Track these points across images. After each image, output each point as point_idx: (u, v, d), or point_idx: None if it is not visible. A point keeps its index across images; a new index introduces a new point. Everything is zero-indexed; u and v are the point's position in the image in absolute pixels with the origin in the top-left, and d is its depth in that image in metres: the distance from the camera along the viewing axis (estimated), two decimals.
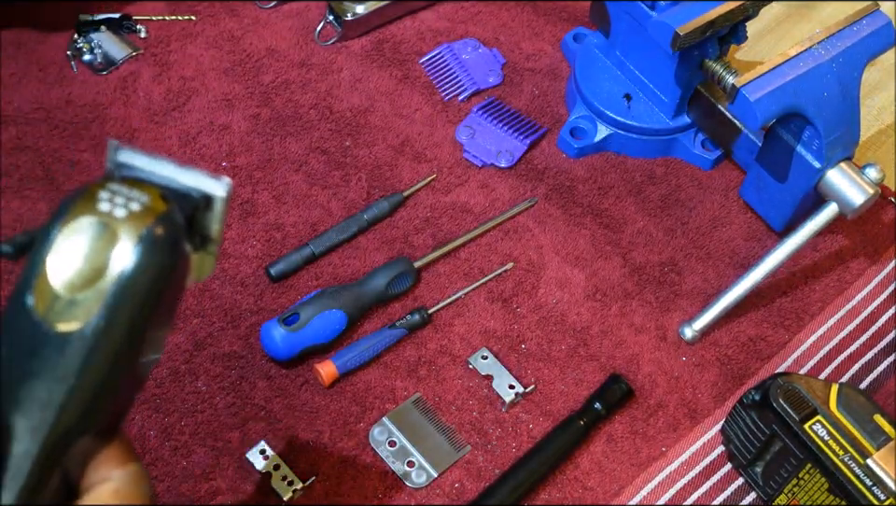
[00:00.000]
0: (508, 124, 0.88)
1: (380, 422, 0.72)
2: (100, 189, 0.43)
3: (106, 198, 0.43)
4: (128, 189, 0.43)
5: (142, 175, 0.45)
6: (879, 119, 0.93)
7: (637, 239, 0.83)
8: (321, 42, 0.93)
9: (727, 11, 0.77)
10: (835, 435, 0.64)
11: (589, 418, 0.72)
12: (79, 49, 0.90)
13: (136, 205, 0.42)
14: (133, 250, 0.42)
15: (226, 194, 0.45)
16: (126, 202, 0.43)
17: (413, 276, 0.78)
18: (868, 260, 0.84)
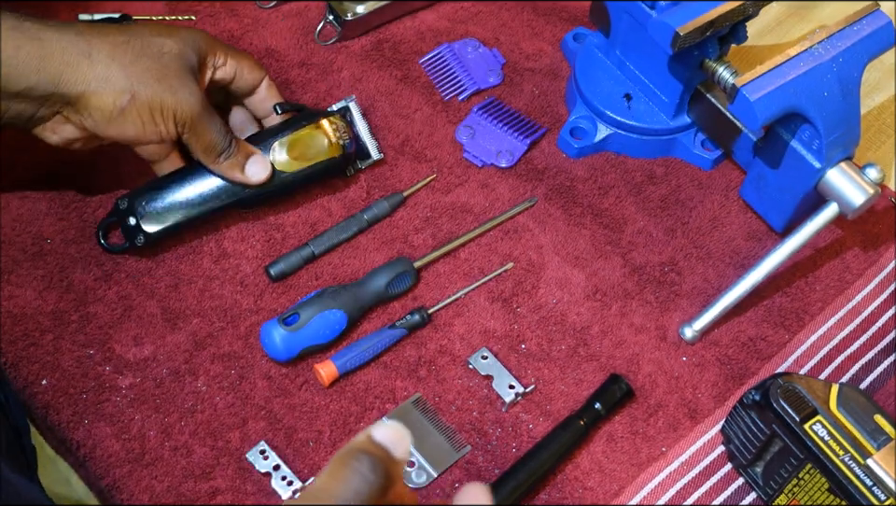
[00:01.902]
0: (508, 124, 0.88)
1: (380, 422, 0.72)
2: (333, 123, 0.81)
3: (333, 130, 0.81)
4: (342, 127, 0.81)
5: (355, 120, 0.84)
6: (879, 119, 0.93)
7: (636, 239, 0.83)
8: (321, 42, 0.93)
9: (727, 11, 0.77)
10: (835, 435, 0.64)
11: (589, 418, 0.72)
12: None
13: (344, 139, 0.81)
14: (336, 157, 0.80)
15: (378, 158, 0.84)
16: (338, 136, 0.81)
17: (412, 276, 0.78)
18: (868, 260, 0.84)
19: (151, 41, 0.73)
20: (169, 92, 0.73)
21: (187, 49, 0.74)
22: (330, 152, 0.80)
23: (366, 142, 0.84)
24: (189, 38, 0.75)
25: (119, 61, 0.72)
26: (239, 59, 0.79)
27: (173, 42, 0.74)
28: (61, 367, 0.73)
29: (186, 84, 0.73)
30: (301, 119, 0.80)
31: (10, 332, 0.74)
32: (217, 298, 0.77)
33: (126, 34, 0.73)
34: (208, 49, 0.77)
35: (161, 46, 0.73)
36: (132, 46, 0.73)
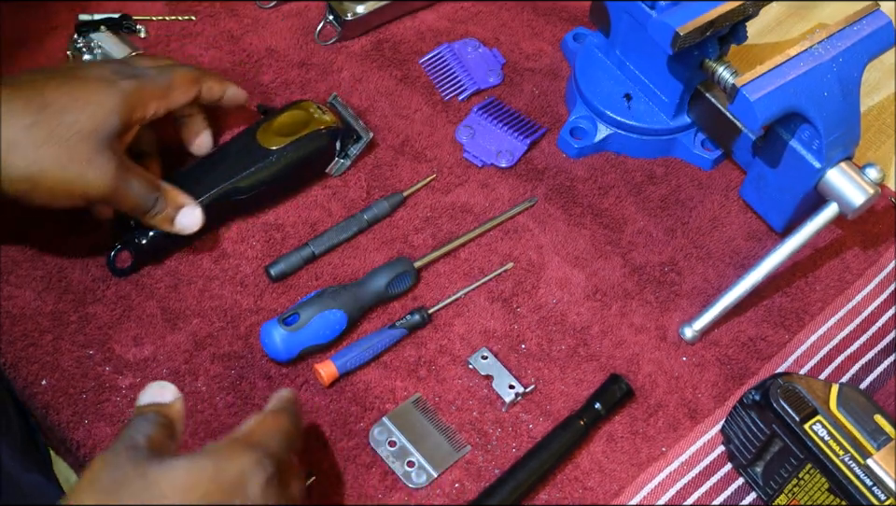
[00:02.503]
0: (508, 124, 0.88)
1: (380, 422, 0.72)
2: (312, 105, 0.83)
3: (315, 108, 0.83)
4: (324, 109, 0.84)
5: (338, 107, 0.85)
6: (879, 119, 0.93)
7: (636, 239, 0.83)
8: (321, 42, 0.93)
9: (727, 11, 0.77)
10: (835, 435, 0.64)
11: (589, 418, 0.72)
12: (79, 49, 0.90)
13: (327, 117, 0.82)
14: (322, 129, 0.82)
15: (368, 138, 0.84)
16: (321, 113, 0.83)
17: (412, 276, 0.78)
18: (868, 260, 0.84)
19: (62, 119, 0.68)
20: (76, 175, 0.69)
21: (105, 119, 0.70)
22: (315, 125, 0.81)
23: (352, 123, 0.84)
24: (110, 103, 0.71)
25: (23, 147, 0.67)
26: (172, 95, 0.76)
27: (87, 117, 0.69)
28: (60, 367, 0.73)
29: (96, 163, 0.69)
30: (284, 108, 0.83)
31: (10, 332, 0.74)
32: (217, 298, 0.77)
33: (34, 112, 0.68)
34: (137, 103, 0.73)
35: (72, 124, 0.69)
36: (39, 128, 0.68)
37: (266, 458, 0.57)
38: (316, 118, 0.82)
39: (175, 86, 0.76)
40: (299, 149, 0.80)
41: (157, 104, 0.74)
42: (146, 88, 0.74)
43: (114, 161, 0.71)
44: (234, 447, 0.57)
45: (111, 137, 0.71)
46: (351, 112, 0.85)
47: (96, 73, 0.73)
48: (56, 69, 0.74)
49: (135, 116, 0.73)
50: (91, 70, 0.73)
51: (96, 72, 0.73)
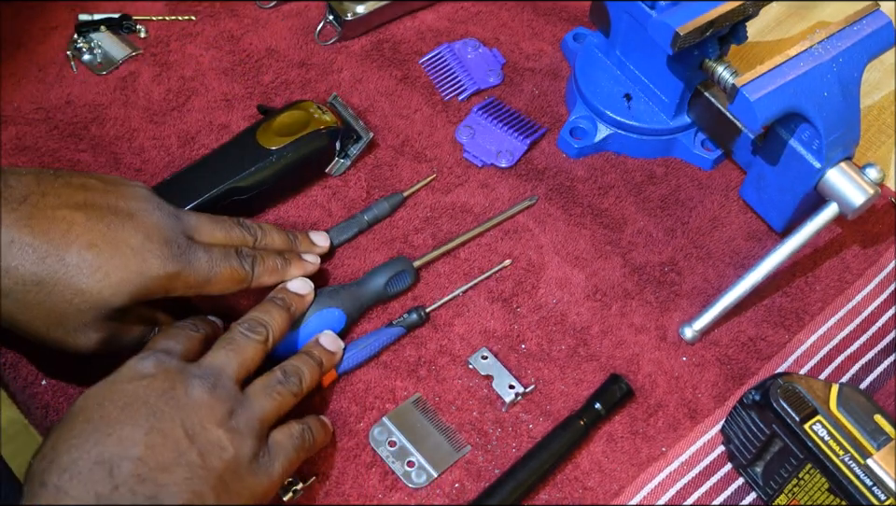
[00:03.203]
0: (508, 124, 0.88)
1: (380, 422, 0.72)
2: (312, 105, 0.83)
3: (315, 108, 0.83)
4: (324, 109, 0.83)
5: (338, 107, 0.85)
6: (879, 119, 0.93)
7: (636, 239, 0.83)
8: (321, 42, 0.93)
9: (727, 11, 0.77)
10: (835, 435, 0.64)
11: (589, 418, 0.72)
12: (79, 49, 0.90)
13: (327, 117, 0.82)
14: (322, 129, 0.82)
15: (368, 138, 0.84)
16: (321, 113, 0.82)
17: (411, 275, 0.78)
18: (868, 260, 0.84)
19: (67, 286, 0.62)
20: (59, 338, 0.64)
21: (114, 297, 0.63)
22: (315, 125, 0.81)
23: (352, 123, 0.84)
24: (130, 283, 0.63)
25: (14, 299, 0.62)
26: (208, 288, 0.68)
27: (96, 290, 0.62)
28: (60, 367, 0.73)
29: (83, 333, 0.64)
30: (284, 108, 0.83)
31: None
32: (217, 298, 0.77)
33: (43, 271, 0.61)
34: (163, 288, 0.65)
35: (74, 295, 0.62)
36: (40, 288, 0.62)
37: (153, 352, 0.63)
38: (316, 118, 0.82)
39: (216, 281, 0.68)
40: (299, 149, 0.80)
41: (186, 291, 0.67)
42: (181, 276, 0.66)
43: (104, 330, 0.65)
44: None
45: (112, 312, 0.64)
46: (351, 112, 0.85)
47: (139, 236, 0.64)
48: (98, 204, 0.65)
49: (154, 295, 0.66)
50: (136, 226, 0.64)
51: (140, 234, 0.64)
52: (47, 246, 0.62)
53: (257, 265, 0.70)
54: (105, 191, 0.66)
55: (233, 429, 0.60)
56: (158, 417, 0.58)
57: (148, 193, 0.69)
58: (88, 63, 0.90)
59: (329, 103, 0.86)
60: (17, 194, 0.63)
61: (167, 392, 0.59)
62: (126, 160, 0.84)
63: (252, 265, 0.70)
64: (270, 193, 0.81)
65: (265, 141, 0.80)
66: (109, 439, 0.56)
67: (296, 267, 0.73)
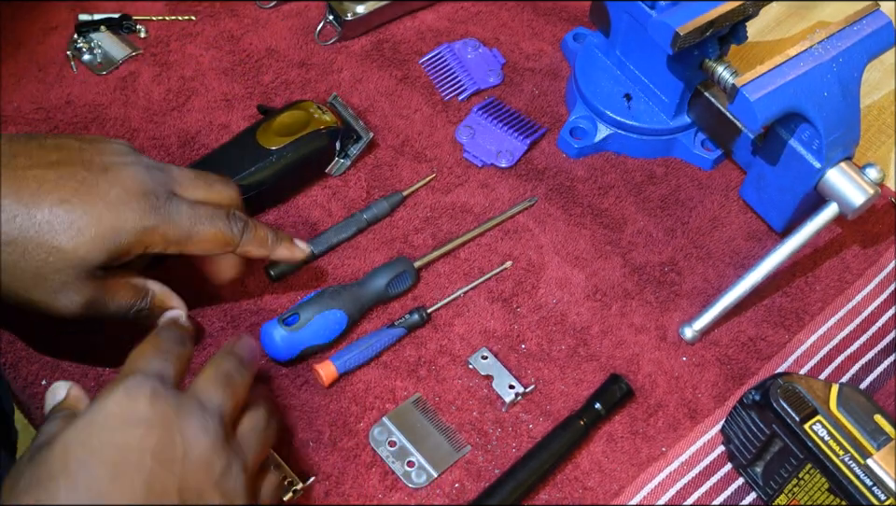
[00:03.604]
0: (508, 124, 0.88)
1: (380, 422, 0.72)
2: (312, 105, 0.83)
3: (315, 108, 0.83)
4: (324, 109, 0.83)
5: (338, 107, 0.85)
6: (879, 119, 0.93)
7: (636, 239, 0.83)
8: (321, 42, 0.93)
9: (727, 11, 0.77)
10: (835, 435, 0.64)
11: (589, 418, 0.72)
12: (79, 49, 0.90)
13: (327, 117, 0.82)
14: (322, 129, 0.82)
15: (368, 138, 0.84)
16: (321, 113, 0.83)
17: (412, 276, 0.78)
18: (868, 260, 0.84)
19: (40, 244, 0.60)
20: (40, 299, 0.62)
21: (92, 252, 0.61)
22: (315, 125, 0.81)
23: (352, 123, 0.84)
24: (108, 237, 0.62)
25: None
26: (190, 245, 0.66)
27: (73, 246, 0.61)
28: (60, 367, 0.73)
29: (64, 294, 0.62)
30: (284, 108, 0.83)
31: (10, 333, 0.74)
32: (217, 298, 0.77)
33: (15, 229, 0.60)
34: (142, 242, 0.63)
35: (48, 254, 0.60)
36: (14, 247, 0.60)
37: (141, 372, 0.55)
38: (316, 118, 0.82)
39: (199, 240, 0.66)
40: (299, 149, 0.80)
41: (165, 246, 0.65)
42: (161, 229, 0.63)
43: (86, 290, 0.63)
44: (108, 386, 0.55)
45: (92, 269, 0.62)
46: (351, 112, 0.85)
47: (115, 190, 0.62)
48: (71, 160, 0.63)
49: (133, 251, 0.64)
50: (111, 180, 0.63)
51: (116, 188, 0.63)
52: (16, 206, 0.60)
53: (247, 231, 0.68)
54: (80, 149, 0.64)
55: (228, 493, 0.55)
56: (152, 486, 0.52)
57: (128, 148, 0.66)
58: (88, 63, 0.90)
59: (329, 103, 0.86)
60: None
61: (165, 450, 0.53)
62: None
63: (242, 230, 0.67)
64: (270, 193, 0.81)
65: (265, 141, 0.80)
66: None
67: (286, 247, 0.71)
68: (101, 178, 0.63)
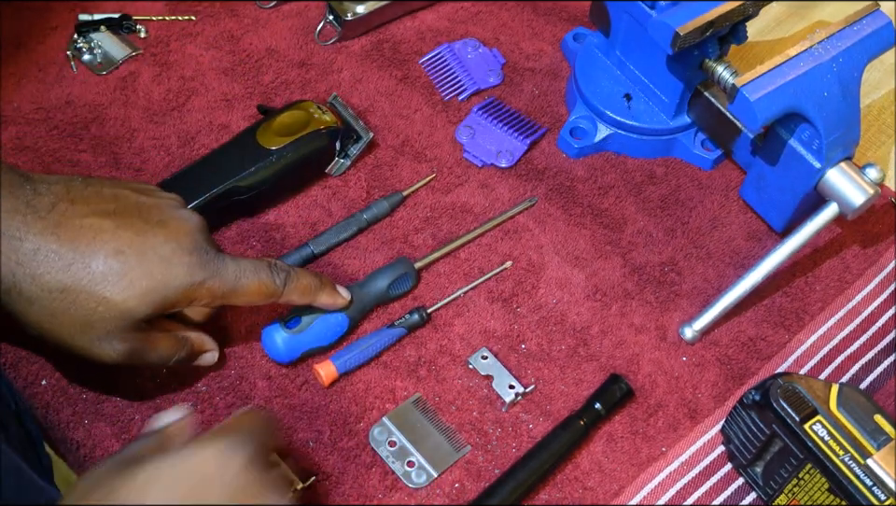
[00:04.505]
0: (508, 124, 0.88)
1: (380, 422, 0.72)
2: (312, 105, 0.83)
3: (315, 108, 0.83)
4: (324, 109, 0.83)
5: (338, 107, 0.85)
6: (879, 119, 0.93)
7: (636, 239, 0.83)
8: (321, 42, 0.93)
9: (727, 11, 0.77)
10: (835, 435, 0.64)
11: (589, 418, 0.72)
12: (79, 49, 0.90)
13: (327, 117, 0.83)
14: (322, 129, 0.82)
15: (368, 138, 0.84)
16: (321, 113, 0.83)
17: (414, 277, 0.78)
18: (868, 260, 0.84)
19: (92, 294, 0.61)
20: (85, 346, 0.63)
21: (140, 306, 0.63)
22: (315, 125, 0.81)
23: (352, 123, 0.84)
24: (157, 292, 0.63)
25: (40, 306, 0.61)
26: (234, 298, 0.67)
27: (121, 299, 0.62)
28: (61, 367, 0.73)
29: (108, 342, 0.63)
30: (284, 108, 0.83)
31: None
32: None
33: (68, 278, 0.61)
34: (189, 297, 0.64)
35: (98, 304, 0.61)
36: (66, 295, 0.61)
37: (246, 438, 0.56)
38: (316, 118, 0.82)
39: (244, 293, 0.67)
40: (299, 149, 0.80)
41: (212, 300, 0.66)
42: (207, 284, 0.65)
43: (129, 340, 0.64)
44: (212, 434, 0.56)
45: (138, 322, 0.64)
46: (351, 112, 0.85)
47: (169, 245, 0.64)
48: (128, 210, 0.64)
49: (179, 305, 0.65)
50: (165, 235, 0.64)
51: (170, 243, 0.64)
52: (73, 254, 0.61)
53: (289, 281, 0.69)
54: (137, 201, 0.66)
55: None
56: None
57: (181, 202, 0.69)
58: (88, 63, 0.90)
59: (329, 103, 0.86)
60: (45, 202, 0.62)
61: None
62: (126, 160, 0.84)
63: (284, 281, 0.68)
64: (270, 193, 0.81)
65: (265, 141, 0.80)
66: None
67: (328, 294, 0.72)
68: (157, 232, 0.64)
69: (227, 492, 0.54)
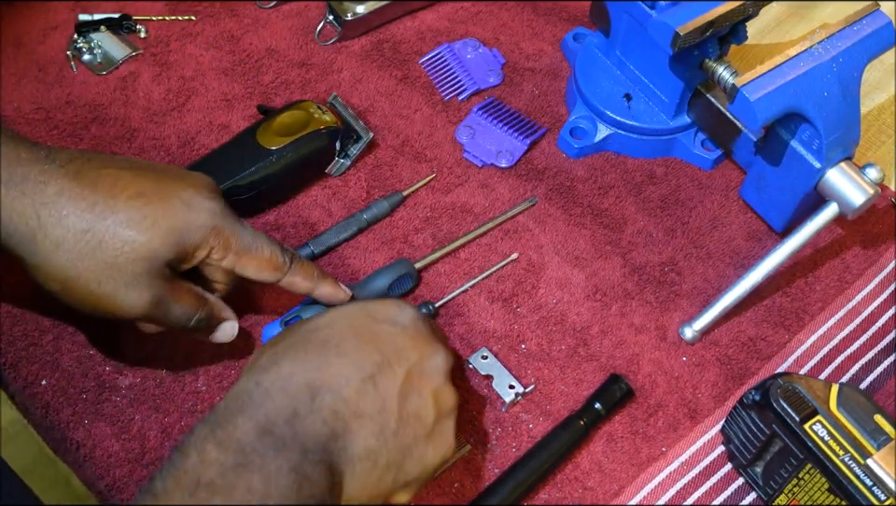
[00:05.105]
0: (508, 124, 0.88)
1: None
2: (312, 105, 0.83)
3: (315, 108, 0.83)
4: (324, 109, 0.84)
5: (338, 107, 0.85)
6: (879, 119, 0.93)
7: (636, 239, 0.83)
8: (321, 42, 0.93)
9: (727, 11, 0.77)
10: (835, 435, 0.64)
11: (589, 418, 0.72)
12: (79, 49, 0.90)
13: (327, 117, 0.83)
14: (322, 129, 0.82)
15: (368, 138, 0.84)
16: (321, 113, 0.83)
17: (414, 278, 0.78)
18: (868, 260, 0.84)
19: (117, 234, 0.62)
20: (109, 293, 0.63)
21: (163, 247, 0.64)
22: (315, 125, 0.81)
23: (352, 123, 0.84)
24: (178, 232, 0.64)
25: (66, 250, 0.62)
26: (247, 259, 0.68)
27: (145, 239, 0.63)
28: (61, 367, 0.73)
29: (133, 287, 0.63)
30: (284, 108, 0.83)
31: (10, 332, 0.74)
32: None
33: (93, 218, 0.62)
34: (208, 243, 0.66)
35: (126, 244, 0.62)
36: (91, 236, 0.62)
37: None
38: (316, 118, 0.82)
39: (255, 257, 0.68)
40: (299, 149, 0.80)
41: (224, 254, 0.67)
42: (226, 234, 0.66)
43: (155, 288, 0.64)
44: None
45: (162, 265, 0.64)
46: (351, 112, 0.85)
47: (189, 191, 0.66)
48: (144, 166, 0.67)
49: (199, 253, 0.66)
50: (185, 183, 0.66)
51: (190, 189, 0.66)
52: (95, 196, 0.63)
53: (295, 262, 0.70)
54: (151, 164, 0.68)
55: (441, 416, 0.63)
56: (384, 371, 0.60)
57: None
58: (88, 63, 0.90)
59: (329, 103, 0.86)
60: (63, 157, 0.64)
61: (406, 353, 0.62)
62: None
63: (290, 260, 0.70)
64: (270, 193, 0.81)
65: (265, 141, 0.80)
66: (329, 369, 0.59)
67: (329, 284, 0.72)
68: (177, 181, 0.66)
69: (406, 331, 0.63)
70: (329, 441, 0.57)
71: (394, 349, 0.62)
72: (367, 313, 0.64)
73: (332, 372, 0.59)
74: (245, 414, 0.57)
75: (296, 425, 0.57)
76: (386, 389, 0.60)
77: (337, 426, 0.58)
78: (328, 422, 0.58)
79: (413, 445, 0.61)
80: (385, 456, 0.59)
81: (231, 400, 0.58)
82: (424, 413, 0.61)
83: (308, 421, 0.57)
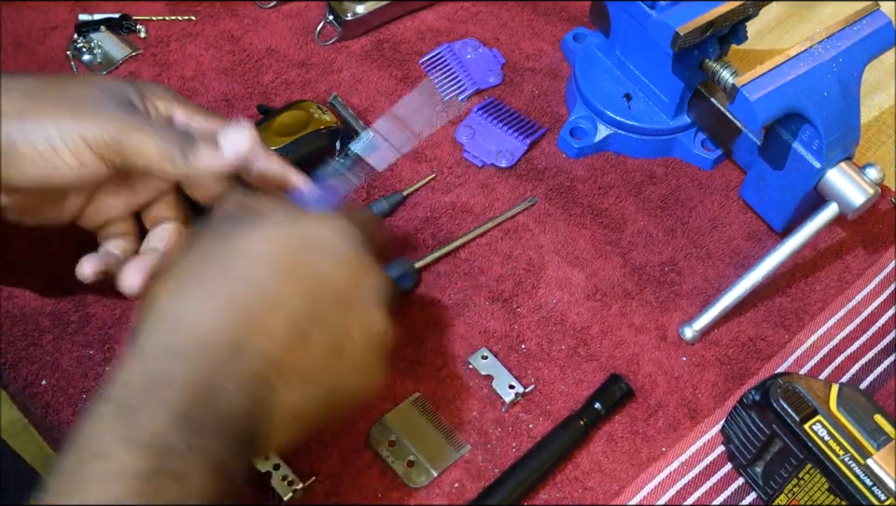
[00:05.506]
0: (508, 124, 0.88)
1: (380, 422, 0.72)
2: (312, 105, 0.83)
3: (315, 108, 0.83)
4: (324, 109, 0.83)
5: (338, 107, 0.86)
6: (879, 119, 0.93)
7: (636, 239, 0.83)
8: (321, 42, 0.93)
9: (727, 11, 0.77)
10: (835, 435, 0.64)
11: (589, 418, 0.72)
12: (79, 49, 0.90)
13: (327, 117, 0.82)
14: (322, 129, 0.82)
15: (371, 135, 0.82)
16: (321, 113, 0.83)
17: (414, 278, 0.78)
18: (868, 260, 0.84)
19: (70, 85, 0.63)
20: (71, 121, 0.61)
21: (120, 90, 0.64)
22: (315, 125, 0.81)
23: (352, 123, 0.84)
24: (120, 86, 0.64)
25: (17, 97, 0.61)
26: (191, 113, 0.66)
27: (97, 87, 0.63)
28: (61, 367, 0.73)
29: (99, 112, 0.61)
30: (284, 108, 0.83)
31: (10, 332, 0.74)
32: None
33: (42, 81, 0.63)
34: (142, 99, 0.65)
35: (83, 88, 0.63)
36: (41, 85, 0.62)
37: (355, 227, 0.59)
38: (316, 118, 0.82)
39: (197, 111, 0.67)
40: (299, 149, 0.80)
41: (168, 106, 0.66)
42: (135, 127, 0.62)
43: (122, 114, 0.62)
44: (323, 215, 0.59)
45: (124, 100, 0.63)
46: (351, 112, 0.85)
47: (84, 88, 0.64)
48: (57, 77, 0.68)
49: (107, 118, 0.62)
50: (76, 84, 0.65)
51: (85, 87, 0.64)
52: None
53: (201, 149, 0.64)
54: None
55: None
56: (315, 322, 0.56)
57: None
58: (88, 63, 0.90)
59: (329, 103, 0.86)
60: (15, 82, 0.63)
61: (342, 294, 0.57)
62: None
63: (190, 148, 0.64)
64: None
65: (265, 141, 0.80)
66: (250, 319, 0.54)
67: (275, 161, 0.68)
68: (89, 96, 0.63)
69: (342, 265, 0.57)
70: (251, 413, 0.52)
71: (328, 290, 0.56)
72: (300, 239, 0.57)
73: (255, 322, 0.53)
74: (160, 395, 0.50)
75: (215, 403, 0.51)
76: (318, 343, 0.55)
77: (260, 391, 0.53)
78: (250, 389, 0.52)
79: (338, 383, 0.57)
80: (311, 410, 0.56)
81: (140, 374, 0.52)
82: (352, 348, 0.57)
83: (228, 395, 0.51)
